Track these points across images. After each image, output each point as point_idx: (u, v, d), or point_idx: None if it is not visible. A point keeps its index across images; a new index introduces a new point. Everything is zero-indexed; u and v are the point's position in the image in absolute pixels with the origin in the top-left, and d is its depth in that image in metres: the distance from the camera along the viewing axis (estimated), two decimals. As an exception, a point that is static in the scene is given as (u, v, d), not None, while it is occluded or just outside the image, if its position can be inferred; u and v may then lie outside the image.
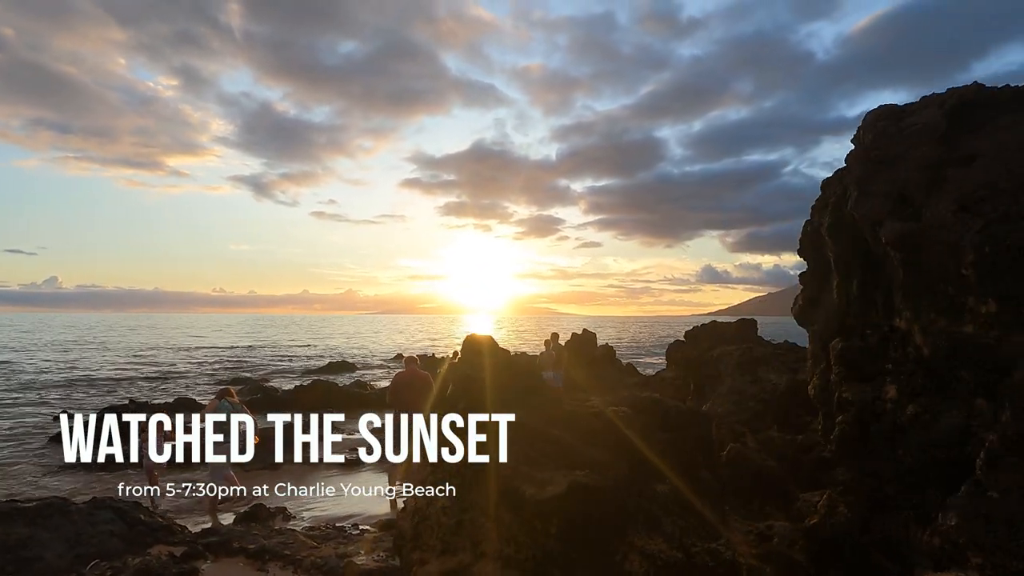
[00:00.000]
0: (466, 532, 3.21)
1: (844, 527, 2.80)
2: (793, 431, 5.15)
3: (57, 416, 16.91)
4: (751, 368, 7.07)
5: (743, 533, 3.18)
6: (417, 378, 9.16)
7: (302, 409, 17.88)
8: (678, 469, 3.32)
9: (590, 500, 2.96)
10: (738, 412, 5.79)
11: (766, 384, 6.30)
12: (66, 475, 10.75)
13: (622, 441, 3.42)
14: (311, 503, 9.03)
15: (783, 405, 5.72)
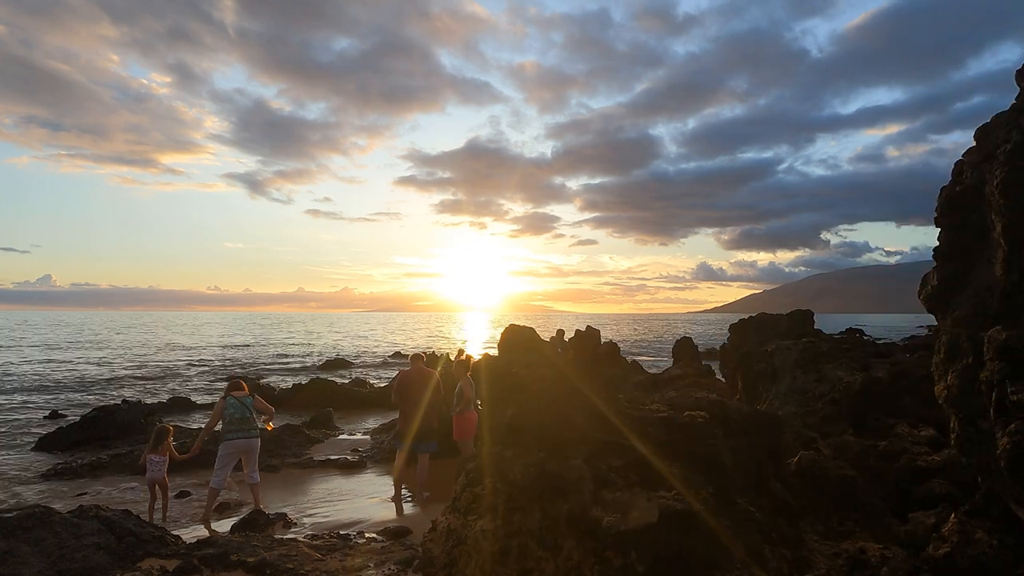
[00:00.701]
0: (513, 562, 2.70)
1: (990, 559, 2.29)
2: (872, 436, 4.66)
3: (45, 417, 16.38)
4: (814, 364, 6.49)
5: (827, 556, 2.72)
6: (423, 376, 8.70)
7: (300, 408, 17.45)
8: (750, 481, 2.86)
9: (687, 530, 2.46)
10: (804, 414, 5.25)
11: (835, 382, 5.73)
12: (52, 481, 10.25)
13: (700, 453, 2.92)
14: (312, 508, 8.56)
15: (858, 406, 5.19)
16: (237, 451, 8.15)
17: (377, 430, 13.07)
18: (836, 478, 3.24)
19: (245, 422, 8.24)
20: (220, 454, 8.09)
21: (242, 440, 8.16)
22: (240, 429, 8.18)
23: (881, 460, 3.76)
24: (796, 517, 2.89)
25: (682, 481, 2.65)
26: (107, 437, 12.66)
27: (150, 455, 8.31)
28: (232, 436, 8.09)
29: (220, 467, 8.07)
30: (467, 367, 9.60)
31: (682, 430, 3.08)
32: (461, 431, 9.32)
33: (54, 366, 32.21)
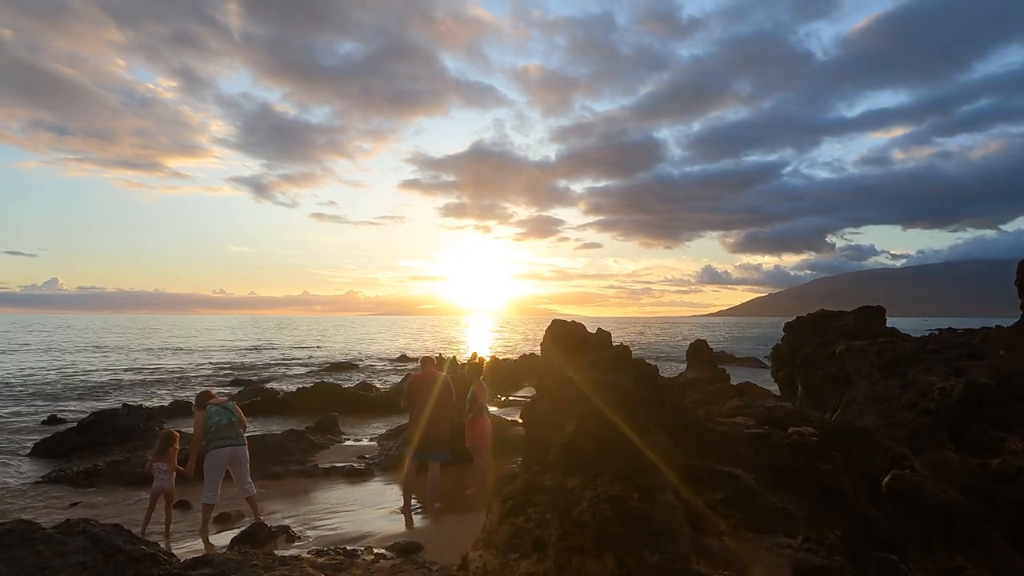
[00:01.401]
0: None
1: None
2: (978, 453, 4.07)
3: (43, 422, 15.97)
4: (896, 368, 5.81)
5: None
6: (434, 380, 8.22)
7: (304, 412, 16.98)
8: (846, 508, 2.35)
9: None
10: (888, 426, 4.64)
11: (926, 389, 5.06)
12: (45, 489, 9.79)
13: (813, 480, 2.38)
14: (316, 520, 8.08)
15: (958, 417, 4.56)
16: (225, 461, 7.58)
17: (384, 436, 12.59)
18: (938, 503, 2.72)
19: (231, 428, 7.71)
20: (208, 467, 7.47)
21: (230, 448, 7.61)
22: (227, 436, 7.63)
23: (994, 482, 3.21)
24: (903, 553, 2.36)
25: (804, 522, 2.10)
26: (105, 443, 12.22)
27: (157, 463, 7.73)
28: (219, 445, 7.53)
29: (211, 480, 7.51)
30: (480, 370, 9.13)
31: (791, 452, 2.52)
32: (474, 438, 8.85)
33: (56, 370, 31.87)
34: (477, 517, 7.96)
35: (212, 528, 7.99)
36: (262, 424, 16.35)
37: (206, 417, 7.55)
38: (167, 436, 7.97)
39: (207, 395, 7.95)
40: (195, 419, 7.60)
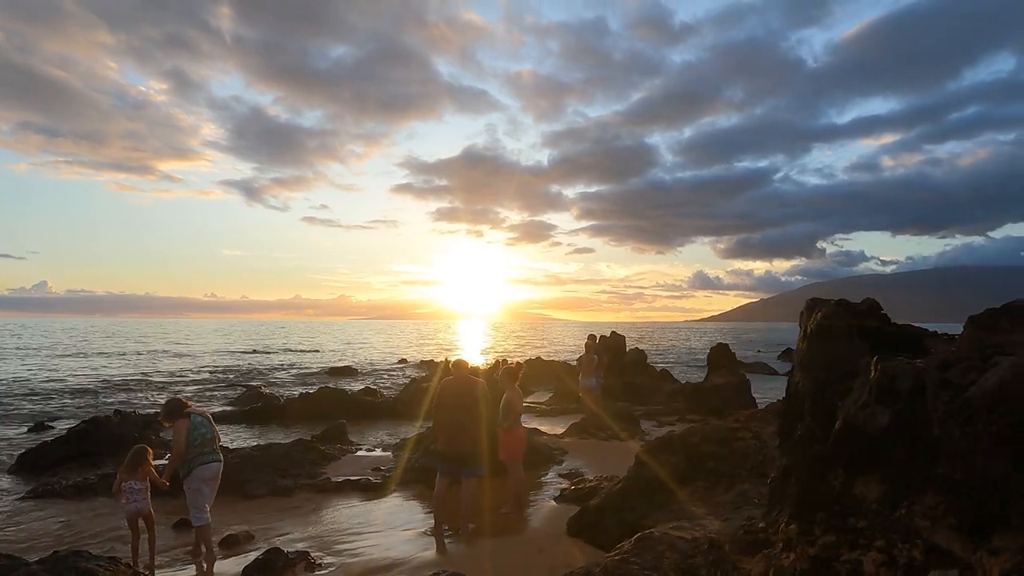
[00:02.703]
0: None
1: None
2: None
3: (29, 430, 14.96)
4: None
5: None
6: (469, 386, 7.36)
7: (307, 420, 16.02)
8: None
9: None
10: None
11: None
12: (29, 507, 8.84)
13: None
14: (336, 543, 7.19)
15: None
16: (211, 478, 6.69)
17: (399, 446, 11.70)
18: None
19: (215, 442, 6.82)
20: (194, 484, 6.54)
21: (216, 464, 6.75)
22: (213, 451, 6.74)
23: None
24: None
25: None
26: (97, 453, 11.28)
27: (129, 480, 6.62)
28: (207, 459, 6.62)
29: (200, 499, 6.59)
30: (516, 376, 8.29)
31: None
32: (509, 450, 8.00)
33: (42, 374, 30.75)
34: (517, 541, 7.11)
35: (218, 552, 7.11)
36: (262, 432, 15.43)
37: (190, 427, 6.56)
38: (140, 451, 6.79)
39: (182, 403, 6.83)
40: (176, 429, 6.53)
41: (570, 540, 6.70)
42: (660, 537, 4.66)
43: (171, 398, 6.98)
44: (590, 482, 8.65)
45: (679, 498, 5.80)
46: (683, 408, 15.29)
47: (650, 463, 6.36)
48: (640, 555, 4.50)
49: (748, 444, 5.76)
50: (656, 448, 6.46)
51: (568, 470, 9.96)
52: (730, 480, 5.67)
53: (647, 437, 12.55)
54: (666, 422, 14.18)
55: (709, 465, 5.83)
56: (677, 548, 4.52)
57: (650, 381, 19.16)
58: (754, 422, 6.42)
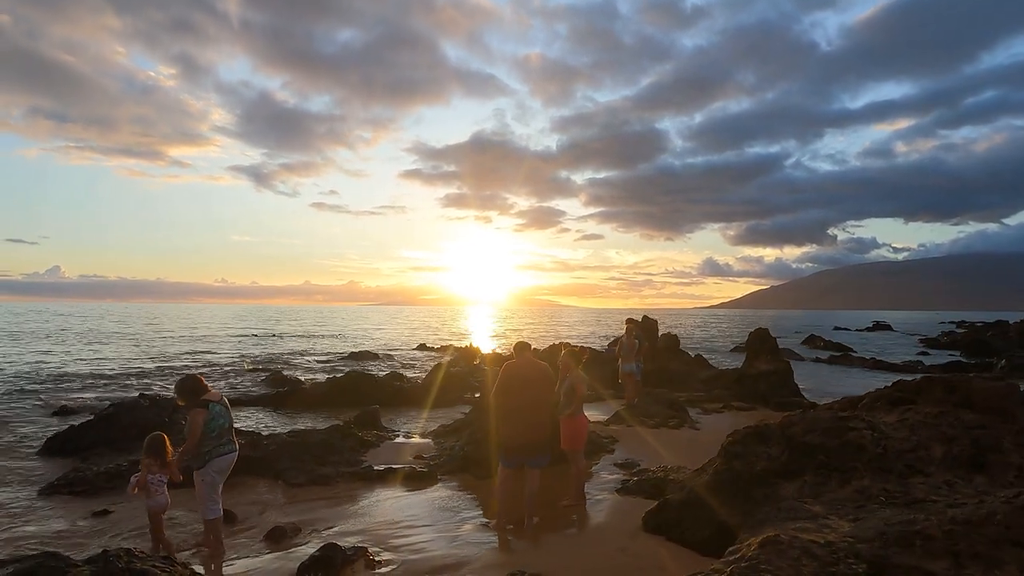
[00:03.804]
0: None
1: None
2: None
3: (53, 414, 14.60)
4: None
5: None
6: (534, 370, 6.80)
7: (335, 405, 15.55)
8: None
9: None
10: None
11: None
12: (62, 496, 8.39)
13: None
14: (391, 537, 6.68)
15: None
16: (227, 470, 6.20)
17: (440, 432, 11.19)
18: None
19: (231, 431, 6.29)
20: (208, 477, 6.04)
21: (233, 455, 6.25)
22: (230, 441, 6.22)
23: None
24: None
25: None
26: (126, 438, 10.83)
27: (157, 473, 6.05)
28: (226, 450, 6.14)
29: (214, 491, 6.10)
30: (579, 360, 7.73)
31: None
32: (571, 438, 7.44)
33: (61, 358, 30.57)
34: (590, 537, 6.57)
35: (263, 547, 6.63)
36: (289, 417, 14.97)
37: (208, 417, 5.99)
38: (160, 439, 6.22)
39: (201, 384, 6.18)
40: (193, 418, 5.94)
41: (649, 537, 6.16)
42: (790, 541, 4.10)
43: (187, 376, 6.34)
44: (654, 473, 8.10)
45: (783, 494, 5.21)
46: (726, 395, 14.69)
47: (743, 455, 5.78)
48: (771, 561, 3.94)
49: (863, 435, 5.16)
50: (748, 438, 5.88)
51: (623, 460, 9.42)
52: (843, 475, 5.08)
53: (697, 425, 12.00)
54: (711, 409, 13.60)
55: (818, 458, 5.24)
56: (813, 554, 3.96)
57: (685, 367, 18.56)
58: (865, 410, 5.81)
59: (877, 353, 34.32)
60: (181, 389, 6.19)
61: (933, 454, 4.82)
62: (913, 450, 4.96)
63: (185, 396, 6.13)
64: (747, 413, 13.34)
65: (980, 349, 34.47)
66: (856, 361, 30.09)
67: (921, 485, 4.68)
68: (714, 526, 5.59)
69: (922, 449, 4.93)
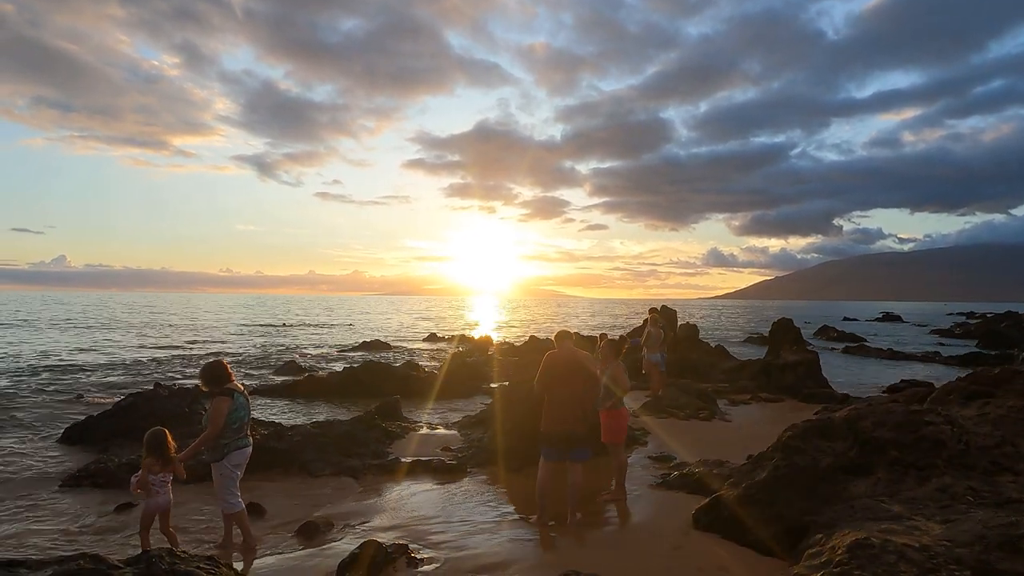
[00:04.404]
0: None
1: None
2: None
3: (70, 401, 14.41)
4: None
5: None
6: (577, 360, 6.51)
7: (352, 395, 15.32)
8: None
9: None
10: None
11: None
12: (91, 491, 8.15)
13: None
14: (429, 533, 6.42)
15: None
16: (245, 462, 5.96)
17: (465, 423, 10.94)
18: None
19: (249, 425, 6.05)
20: (225, 471, 5.78)
21: (249, 448, 6.01)
22: (248, 435, 5.98)
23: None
24: None
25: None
26: (144, 428, 10.50)
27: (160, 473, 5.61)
28: (244, 443, 5.90)
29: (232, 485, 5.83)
30: (619, 350, 7.44)
31: None
32: (613, 431, 7.17)
33: (73, 347, 30.46)
34: (637, 535, 6.27)
35: (296, 543, 6.39)
36: (306, 407, 14.74)
37: (232, 406, 5.71)
38: (162, 435, 5.71)
39: (227, 371, 5.88)
40: (217, 406, 5.66)
41: (702, 535, 5.88)
42: (882, 544, 3.81)
43: (215, 361, 6.07)
44: (694, 467, 7.82)
45: (854, 492, 4.92)
46: (752, 386, 14.40)
47: (804, 449, 5.49)
48: (865, 567, 3.65)
49: (941, 430, 4.87)
50: (808, 433, 5.59)
51: (657, 453, 9.15)
52: (921, 472, 4.79)
53: (727, 417, 11.72)
54: (738, 400, 13.32)
55: (890, 454, 4.94)
56: (910, 559, 3.67)
57: (706, 357, 18.26)
58: (937, 404, 5.51)
59: (892, 344, 33.96)
60: (207, 375, 5.94)
61: (1022, 451, 4.52)
62: (998, 446, 4.66)
63: (209, 382, 5.87)
64: (775, 405, 13.06)
65: (996, 340, 34.08)
66: (872, 352, 29.74)
67: (1012, 484, 4.38)
68: (776, 525, 5.30)
69: (1008, 445, 4.63)
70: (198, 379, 6.31)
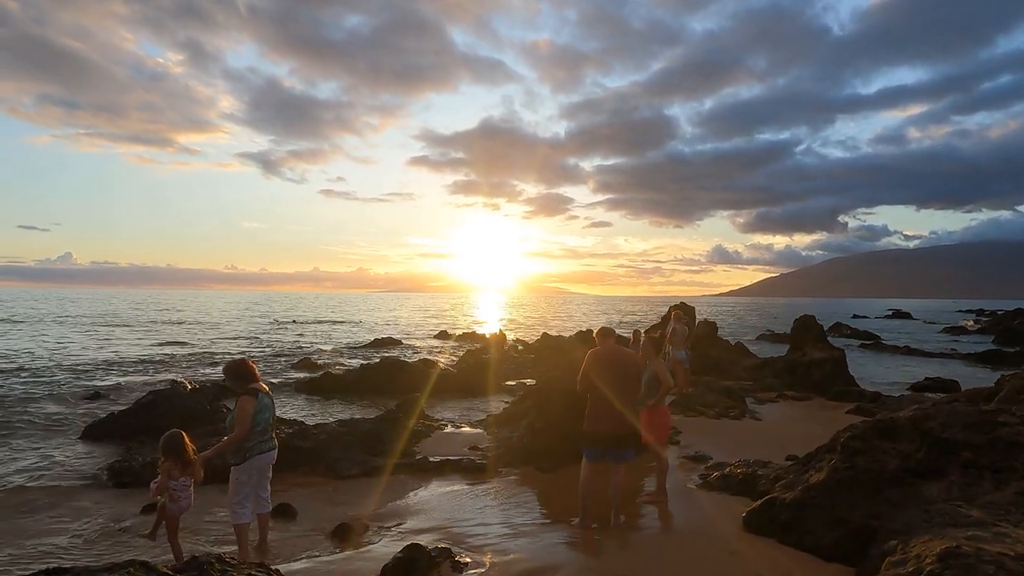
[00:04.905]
0: None
1: None
2: None
3: (87, 397, 14.27)
4: None
5: None
6: (622, 359, 6.29)
7: (370, 392, 15.13)
8: None
9: None
10: None
11: None
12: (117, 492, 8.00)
13: None
14: (468, 536, 6.22)
15: None
16: (268, 467, 5.66)
17: (491, 422, 10.74)
18: None
19: (273, 428, 5.72)
20: (244, 476, 5.48)
21: (274, 452, 5.68)
22: (272, 438, 5.65)
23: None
24: None
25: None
26: (164, 427, 10.37)
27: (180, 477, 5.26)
28: (267, 448, 5.56)
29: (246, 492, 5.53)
30: (660, 347, 7.22)
31: None
32: (655, 431, 6.95)
33: (85, 343, 30.40)
34: (687, 539, 6.01)
35: (332, 546, 6.21)
36: (324, 405, 14.58)
37: (257, 407, 5.38)
38: (179, 437, 5.32)
39: (253, 370, 5.57)
40: (243, 406, 5.32)
41: (756, 539, 5.66)
42: (976, 553, 3.58)
43: (239, 359, 5.77)
44: (735, 467, 7.60)
45: (927, 496, 4.70)
46: (777, 384, 14.16)
47: (865, 451, 5.26)
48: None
49: (1017, 431, 4.63)
50: (869, 433, 5.36)
51: (692, 452, 8.92)
52: (998, 475, 4.55)
53: (757, 415, 11.48)
54: (765, 398, 13.08)
55: (963, 456, 4.71)
56: (1010, 570, 3.45)
57: (726, 354, 18.03)
58: (1010, 403, 5.28)
59: (907, 341, 33.63)
60: (231, 373, 5.67)
61: (1109, 454, 4.29)
62: (1082, 448, 4.42)
63: (234, 380, 5.59)
64: (804, 403, 12.82)
65: (1013, 337, 33.72)
66: (888, 349, 29.44)
67: (1102, 489, 4.14)
68: (839, 529, 5.09)
69: (1094, 448, 4.39)
70: (222, 377, 6.08)
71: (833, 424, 10.91)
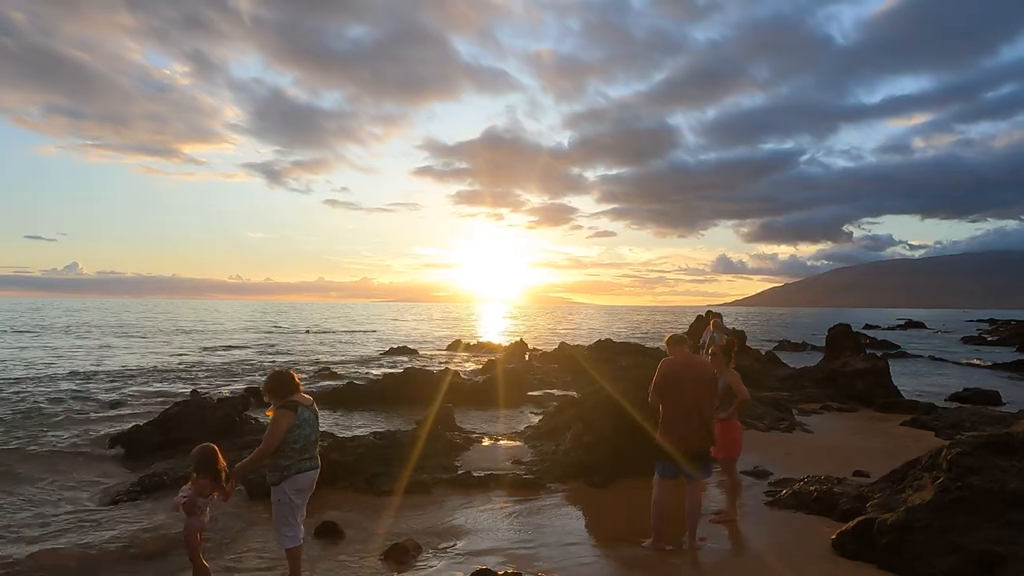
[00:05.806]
0: None
1: None
2: None
3: (107, 407, 13.88)
4: None
5: None
6: (697, 369, 5.87)
7: (395, 403, 14.67)
8: None
9: None
10: None
11: None
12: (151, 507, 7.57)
13: None
14: (534, 558, 5.80)
15: None
16: (308, 488, 5.06)
17: (532, 435, 10.29)
18: None
19: (316, 446, 5.13)
20: (284, 497, 4.89)
21: (314, 472, 5.08)
22: (314, 456, 5.06)
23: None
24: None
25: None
26: (194, 440, 9.96)
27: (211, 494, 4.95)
28: (309, 466, 4.99)
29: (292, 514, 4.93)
30: (731, 355, 6.81)
31: None
32: (728, 446, 6.51)
33: (99, 353, 30.09)
34: (765, 562, 5.62)
35: (386, 568, 5.77)
36: (346, 418, 14.13)
37: (296, 421, 4.85)
38: (212, 455, 4.98)
39: (293, 382, 5.07)
40: (277, 419, 4.83)
41: (853, 564, 5.21)
42: None
43: (280, 371, 5.18)
44: (807, 484, 7.14)
45: (1060, 520, 4.24)
46: (819, 394, 13.68)
47: (979, 469, 4.82)
48: None
49: None
50: (982, 450, 4.92)
51: (752, 467, 8.46)
52: None
53: (807, 428, 11.02)
54: (808, 409, 12.60)
55: (1099, 476, 4.26)
56: None
57: (757, 364, 17.55)
58: None
59: (928, 351, 33.02)
60: (269, 385, 5.09)
61: None
62: None
63: (271, 393, 5.03)
64: (851, 414, 12.34)
65: (1035, 347, 33.12)
66: (911, 359, 28.87)
67: None
68: (954, 555, 4.64)
69: None
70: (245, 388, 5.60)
71: (890, 437, 10.49)
